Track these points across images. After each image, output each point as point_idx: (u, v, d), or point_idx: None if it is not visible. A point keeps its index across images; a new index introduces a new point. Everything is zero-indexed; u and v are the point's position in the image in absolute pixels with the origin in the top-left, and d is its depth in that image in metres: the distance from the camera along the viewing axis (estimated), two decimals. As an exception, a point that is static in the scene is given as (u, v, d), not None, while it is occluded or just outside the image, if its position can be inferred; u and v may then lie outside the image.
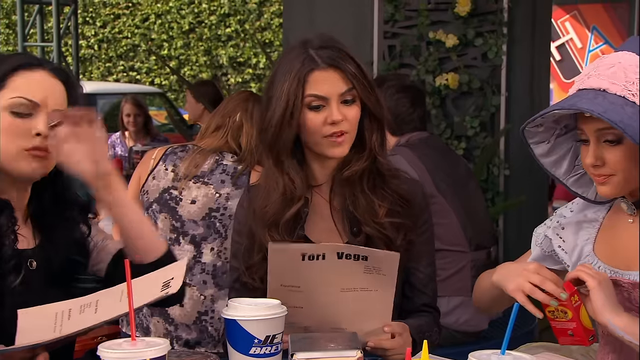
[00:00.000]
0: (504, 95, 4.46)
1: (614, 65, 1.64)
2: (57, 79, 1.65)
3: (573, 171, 1.79)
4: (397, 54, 4.57)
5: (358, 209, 1.84)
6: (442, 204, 3.11)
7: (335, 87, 1.80)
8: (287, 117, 1.79)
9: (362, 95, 1.82)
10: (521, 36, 4.48)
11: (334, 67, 1.80)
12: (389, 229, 1.82)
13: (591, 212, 1.79)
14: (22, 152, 1.58)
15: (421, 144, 3.20)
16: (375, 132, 1.86)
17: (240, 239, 1.91)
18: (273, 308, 1.55)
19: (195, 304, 2.78)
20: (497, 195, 4.47)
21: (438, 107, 4.50)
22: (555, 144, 1.77)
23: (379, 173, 1.87)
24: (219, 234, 2.79)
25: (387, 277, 1.67)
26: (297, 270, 1.66)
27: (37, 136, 1.58)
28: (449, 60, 4.49)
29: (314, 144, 1.82)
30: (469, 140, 4.49)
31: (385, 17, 4.56)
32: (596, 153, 1.65)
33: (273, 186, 1.85)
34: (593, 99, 1.60)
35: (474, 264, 3.17)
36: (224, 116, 2.89)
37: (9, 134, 1.57)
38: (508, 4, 4.41)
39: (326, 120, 1.79)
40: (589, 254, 1.75)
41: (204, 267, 2.78)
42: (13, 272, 1.55)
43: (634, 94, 1.60)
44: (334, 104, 1.79)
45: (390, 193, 1.86)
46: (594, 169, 1.67)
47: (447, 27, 4.47)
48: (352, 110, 1.82)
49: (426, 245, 1.92)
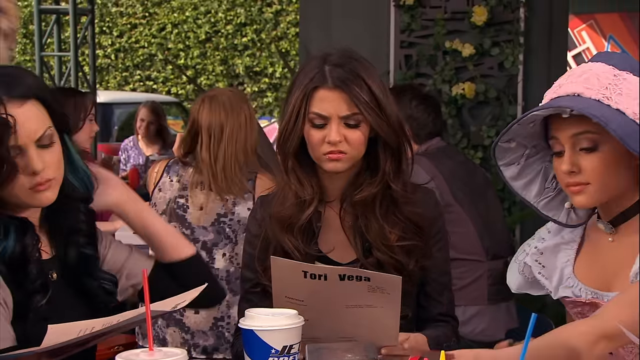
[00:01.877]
0: (521, 105, 4.45)
1: (585, 73, 1.62)
2: (29, 103, 1.55)
3: (543, 194, 1.75)
4: (414, 63, 4.58)
5: (369, 232, 1.83)
6: (459, 213, 3.11)
7: (338, 109, 1.80)
8: (292, 128, 1.82)
9: (372, 121, 1.80)
10: (538, 46, 4.47)
11: (341, 89, 1.79)
12: (399, 253, 1.81)
13: (567, 233, 1.77)
14: (27, 191, 1.57)
15: (439, 153, 3.20)
16: (389, 158, 1.85)
17: (252, 249, 1.91)
18: (290, 318, 1.55)
19: (211, 310, 2.79)
20: (513, 205, 4.45)
21: (454, 117, 4.49)
22: (524, 166, 1.74)
23: (392, 199, 1.85)
24: (229, 239, 2.81)
25: (391, 296, 1.65)
26: (300, 285, 1.66)
27: (34, 175, 1.56)
28: (466, 69, 4.49)
29: (316, 159, 1.84)
30: (485, 149, 4.47)
31: (402, 27, 4.57)
32: (572, 159, 1.62)
33: (287, 192, 1.86)
34: (570, 100, 1.58)
35: (490, 274, 3.16)
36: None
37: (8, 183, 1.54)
38: (525, 14, 4.41)
39: (325, 138, 1.80)
40: (570, 276, 1.72)
41: (217, 273, 2.80)
42: (40, 292, 1.56)
43: (608, 97, 1.57)
44: (334, 124, 1.80)
45: (402, 219, 1.85)
46: (570, 176, 1.62)
47: (463, 36, 4.47)
48: (355, 134, 1.81)
49: (440, 254, 1.91)
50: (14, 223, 1.56)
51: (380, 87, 1.82)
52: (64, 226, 1.65)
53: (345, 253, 1.87)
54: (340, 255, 1.87)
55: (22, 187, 1.55)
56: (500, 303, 3.19)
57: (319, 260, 1.86)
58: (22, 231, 1.56)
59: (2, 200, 1.56)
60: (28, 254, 1.55)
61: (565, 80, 1.64)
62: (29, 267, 1.55)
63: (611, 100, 1.57)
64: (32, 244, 1.56)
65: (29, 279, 1.55)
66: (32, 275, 1.55)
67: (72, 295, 1.64)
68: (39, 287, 1.55)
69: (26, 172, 1.54)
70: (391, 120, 1.82)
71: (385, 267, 1.81)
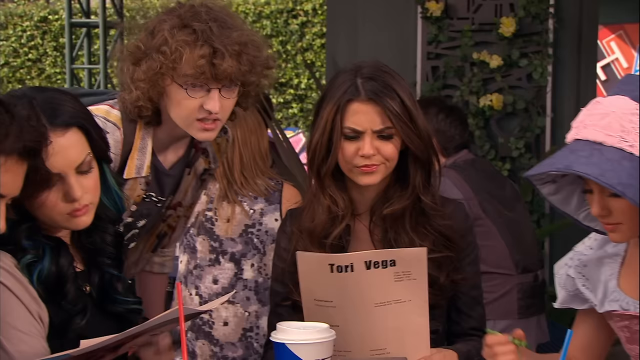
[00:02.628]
0: (549, 116, 4.42)
1: (608, 115, 1.59)
2: (71, 131, 1.58)
3: (583, 206, 1.74)
4: (441, 75, 4.57)
5: (400, 245, 1.82)
6: (488, 226, 3.10)
7: (372, 123, 1.80)
8: (325, 141, 1.82)
9: (403, 135, 1.80)
10: (567, 57, 4.45)
11: (374, 102, 1.79)
12: (430, 267, 1.79)
13: (611, 247, 1.76)
14: (64, 216, 1.59)
15: (467, 166, 3.19)
16: (419, 171, 1.84)
17: (282, 263, 1.91)
18: (322, 332, 1.55)
19: (240, 321, 2.80)
20: (542, 218, 4.42)
21: (482, 128, 4.48)
22: (561, 183, 1.74)
23: (422, 212, 1.85)
24: (257, 249, 2.82)
25: (417, 281, 1.65)
26: (327, 282, 1.66)
27: (74, 202, 1.58)
28: (493, 81, 4.47)
29: (347, 171, 1.84)
30: (513, 161, 4.45)
31: (429, 38, 4.56)
32: (601, 204, 1.62)
33: (318, 206, 1.86)
34: (589, 157, 1.57)
35: (520, 287, 3.14)
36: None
37: (42, 205, 1.56)
38: (554, 25, 4.39)
39: (358, 152, 1.80)
40: (615, 290, 1.72)
41: (246, 284, 2.80)
42: (80, 314, 1.57)
43: (631, 145, 1.56)
44: (368, 137, 1.80)
45: (432, 232, 1.84)
46: (602, 218, 1.64)
47: (491, 47, 4.46)
48: (388, 146, 1.81)
49: (471, 267, 1.90)
50: (49, 244, 1.58)
51: (411, 100, 1.83)
52: (92, 245, 1.67)
53: None
54: None
55: (60, 212, 1.58)
56: (530, 317, 3.16)
57: None
58: (57, 251, 1.58)
59: (36, 219, 1.58)
60: (64, 274, 1.57)
61: (589, 120, 1.61)
62: (67, 287, 1.57)
63: (635, 147, 1.56)
64: (67, 264, 1.58)
65: (67, 299, 1.57)
66: (70, 295, 1.57)
67: (102, 311, 1.66)
68: (79, 309, 1.58)
69: (66, 199, 1.57)
70: (422, 133, 1.82)
71: None
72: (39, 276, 1.54)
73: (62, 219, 1.59)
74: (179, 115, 1.90)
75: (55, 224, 1.60)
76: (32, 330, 1.49)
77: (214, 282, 2.84)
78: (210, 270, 2.85)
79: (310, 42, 15.30)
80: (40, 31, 15.46)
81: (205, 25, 1.86)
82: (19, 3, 16.05)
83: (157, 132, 1.99)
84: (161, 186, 2.07)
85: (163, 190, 2.08)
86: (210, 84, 1.86)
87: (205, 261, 2.85)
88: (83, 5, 8.95)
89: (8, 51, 15.51)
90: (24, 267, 1.53)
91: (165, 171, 2.05)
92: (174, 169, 2.08)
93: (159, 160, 2.03)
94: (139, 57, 1.89)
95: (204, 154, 2.15)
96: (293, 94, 15.63)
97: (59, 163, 1.54)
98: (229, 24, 1.89)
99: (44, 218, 1.58)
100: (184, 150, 2.08)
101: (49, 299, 1.54)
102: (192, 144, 2.10)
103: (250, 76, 1.90)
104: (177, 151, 2.07)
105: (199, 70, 1.83)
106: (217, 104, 1.87)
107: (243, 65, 1.87)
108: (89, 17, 9.07)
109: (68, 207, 1.58)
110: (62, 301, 1.56)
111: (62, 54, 14.44)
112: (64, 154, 1.55)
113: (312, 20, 15.24)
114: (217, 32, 1.85)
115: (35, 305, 1.52)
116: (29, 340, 1.48)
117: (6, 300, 1.48)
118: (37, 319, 1.51)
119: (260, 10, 15.39)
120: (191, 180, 2.15)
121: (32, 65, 15.46)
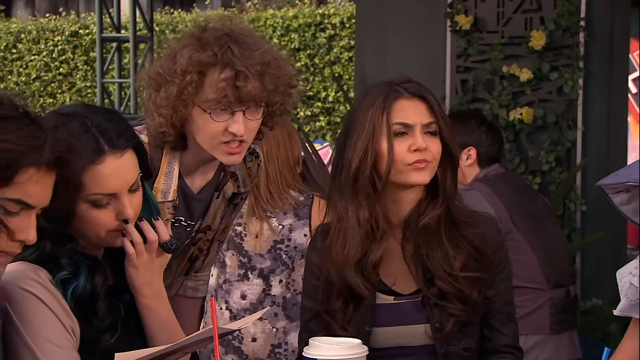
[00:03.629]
0: (580, 130, 4.39)
1: None
2: (127, 153, 1.60)
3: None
4: (470, 88, 4.55)
5: (432, 260, 1.80)
6: (519, 240, 3.08)
7: (421, 116, 1.80)
8: (371, 148, 1.78)
9: (443, 130, 1.81)
10: (598, 70, 4.41)
11: (420, 97, 1.81)
12: (463, 283, 1.78)
13: None
14: (108, 233, 1.61)
15: (498, 179, 3.18)
16: (449, 172, 1.83)
17: (313, 279, 1.89)
18: (354, 348, 1.55)
19: (268, 337, 2.79)
20: (574, 232, 4.37)
21: (512, 142, 4.45)
22: (634, 193, 1.72)
23: (453, 221, 1.83)
24: (285, 265, 2.81)
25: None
26: None
27: (123, 221, 1.60)
28: (523, 94, 4.45)
29: (397, 173, 1.78)
30: (544, 175, 4.42)
31: (458, 52, 4.55)
32: None
33: (350, 227, 1.82)
34: None
35: (552, 302, 3.11)
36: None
37: (93, 224, 1.59)
38: (585, 38, 4.36)
39: (410, 147, 1.78)
40: None
41: (274, 300, 2.80)
42: (109, 331, 1.58)
43: None
44: (418, 132, 1.79)
45: (465, 243, 1.82)
46: None
47: (521, 61, 4.43)
48: (435, 143, 1.81)
49: (504, 283, 1.88)
50: (86, 262, 1.60)
51: (442, 104, 1.86)
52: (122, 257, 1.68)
53: (407, 284, 1.85)
54: (403, 287, 1.85)
55: (107, 228, 1.60)
56: (562, 333, 3.13)
57: (382, 292, 1.84)
58: (92, 270, 1.60)
59: (76, 235, 1.60)
60: (97, 293, 1.59)
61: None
62: (98, 304, 1.58)
63: None
64: (101, 283, 1.60)
65: (98, 317, 1.58)
66: (101, 313, 1.58)
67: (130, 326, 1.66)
68: (108, 326, 1.59)
69: (117, 218, 1.59)
70: (454, 134, 1.84)
71: (447, 296, 1.79)
72: (73, 292, 1.56)
73: (106, 235, 1.60)
74: (204, 139, 1.89)
75: (99, 241, 1.62)
76: (66, 343, 1.51)
77: (242, 297, 2.83)
78: (239, 285, 2.84)
79: (338, 55, 15.33)
80: (71, 45, 15.65)
81: (226, 47, 1.84)
82: (51, 18, 16.27)
83: (184, 157, 1.98)
84: (190, 210, 2.05)
85: (192, 214, 2.07)
86: (234, 107, 1.84)
87: (234, 276, 2.85)
88: (114, 20, 9.06)
89: (40, 65, 15.72)
90: (58, 282, 1.55)
91: (193, 195, 2.04)
92: (202, 193, 2.06)
93: (186, 184, 2.02)
94: (160, 83, 1.87)
95: (233, 177, 2.12)
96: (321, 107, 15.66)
97: (116, 184, 1.56)
98: (249, 44, 1.86)
99: (88, 234, 1.60)
100: (212, 174, 2.06)
101: (80, 315, 1.56)
102: (221, 168, 2.09)
103: (274, 96, 1.88)
104: (205, 175, 2.05)
105: (221, 93, 1.81)
106: (241, 127, 1.84)
107: (267, 85, 1.85)
108: (120, 32, 9.17)
109: (118, 225, 1.59)
110: (93, 318, 1.58)
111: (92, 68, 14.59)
112: (121, 175, 1.57)
113: (340, 33, 15.27)
114: (238, 53, 1.83)
115: (69, 319, 1.53)
116: (62, 353, 1.49)
117: (42, 314, 1.50)
118: (70, 332, 1.53)
119: (288, 24, 15.46)
120: (220, 204, 2.13)
121: (63, 80, 15.65)
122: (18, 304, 1.49)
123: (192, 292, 2.35)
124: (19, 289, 1.50)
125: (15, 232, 1.35)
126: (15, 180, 1.33)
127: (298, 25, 15.39)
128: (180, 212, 2.04)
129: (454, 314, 1.78)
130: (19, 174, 1.33)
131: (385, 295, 1.84)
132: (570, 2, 4.35)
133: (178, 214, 2.03)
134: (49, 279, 1.54)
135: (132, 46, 8.60)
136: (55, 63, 15.66)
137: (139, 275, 1.64)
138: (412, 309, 1.82)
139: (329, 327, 1.81)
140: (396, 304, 1.84)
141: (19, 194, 1.34)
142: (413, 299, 1.83)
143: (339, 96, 14.80)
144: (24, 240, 1.37)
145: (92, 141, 1.54)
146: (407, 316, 1.83)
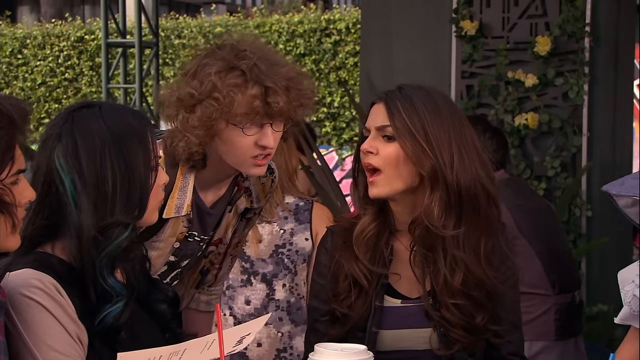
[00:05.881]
0: (586, 135, 4.38)
1: None
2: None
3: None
4: (475, 93, 4.56)
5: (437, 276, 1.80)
6: (524, 246, 3.08)
7: (375, 120, 1.82)
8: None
9: (398, 135, 1.77)
10: (603, 75, 4.41)
11: (383, 101, 1.82)
12: (466, 312, 1.78)
13: None
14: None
15: (502, 185, 3.17)
16: (430, 193, 1.79)
17: (321, 279, 1.90)
18: (360, 354, 1.55)
19: (274, 342, 2.79)
20: (579, 237, 4.37)
21: (517, 147, 4.45)
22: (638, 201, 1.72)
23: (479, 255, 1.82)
24: (288, 269, 2.81)
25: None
26: None
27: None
28: (528, 99, 4.45)
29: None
30: (549, 180, 4.41)
31: (463, 57, 4.56)
32: None
33: (366, 221, 1.85)
34: None
35: (557, 308, 3.11)
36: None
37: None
38: (590, 44, 4.36)
39: (363, 149, 1.82)
40: None
41: (278, 304, 2.80)
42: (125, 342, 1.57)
43: None
44: (371, 134, 1.82)
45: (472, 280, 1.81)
46: None
47: (526, 66, 4.44)
48: (388, 148, 1.79)
49: (510, 291, 1.88)
50: (122, 295, 1.58)
51: (431, 111, 1.79)
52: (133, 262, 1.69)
53: (412, 288, 1.86)
54: (408, 290, 1.86)
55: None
56: (568, 339, 3.13)
57: (386, 293, 1.85)
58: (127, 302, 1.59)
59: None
60: (122, 325, 1.58)
61: None
62: (120, 335, 1.57)
63: None
64: (127, 317, 1.58)
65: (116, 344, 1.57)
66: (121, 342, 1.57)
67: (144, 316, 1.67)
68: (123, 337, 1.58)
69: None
70: (423, 144, 1.79)
71: (452, 323, 1.79)
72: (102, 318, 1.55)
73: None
74: (234, 154, 1.92)
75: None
76: (71, 352, 1.50)
77: (247, 302, 2.83)
78: (242, 291, 2.85)
79: (343, 60, 15.36)
80: (76, 51, 15.71)
81: (252, 64, 1.87)
82: (56, 23, 16.33)
83: (200, 173, 2.00)
84: (203, 224, 2.08)
85: (205, 228, 2.09)
86: (262, 121, 1.89)
87: (237, 282, 2.85)
88: (119, 25, 9.08)
89: (45, 71, 15.77)
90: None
91: (207, 210, 2.06)
92: (215, 208, 2.08)
93: (200, 198, 2.04)
94: (193, 104, 1.89)
95: (247, 193, 2.15)
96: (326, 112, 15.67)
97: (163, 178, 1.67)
98: (273, 60, 1.91)
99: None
100: (225, 189, 2.08)
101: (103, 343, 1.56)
102: (234, 183, 2.11)
103: (299, 109, 1.93)
104: (218, 190, 2.08)
105: (253, 110, 1.86)
106: (271, 140, 1.90)
107: (292, 99, 1.89)
108: (125, 37, 9.20)
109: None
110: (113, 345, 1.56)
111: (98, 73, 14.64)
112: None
113: (345, 38, 15.30)
114: (265, 70, 1.87)
115: (74, 327, 1.52)
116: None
117: (46, 322, 1.50)
118: (75, 340, 1.52)
119: (293, 29, 15.49)
120: (232, 218, 2.15)
121: (69, 85, 15.71)
122: (22, 311, 1.49)
123: (205, 306, 2.35)
124: (22, 297, 1.50)
125: (19, 199, 1.46)
126: (16, 155, 1.46)
127: (303, 30, 15.42)
128: (194, 226, 2.06)
129: (458, 340, 1.79)
130: (17, 148, 1.45)
131: (393, 299, 1.85)
132: (576, 7, 4.35)
133: (192, 229, 2.05)
134: (53, 285, 1.52)
135: (137, 51, 8.62)
136: (60, 68, 15.72)
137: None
138: (418, 313, 1.83)
139: (335, 321, 1.83)
140: (403, 307, 1.85)
141: (19, 164, 1.47)
142: (419, 302, 1.84)
143: (345, 101, 14.82)
144: (29, 200, 1.49)
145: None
146: (413, 320, 1.83)
